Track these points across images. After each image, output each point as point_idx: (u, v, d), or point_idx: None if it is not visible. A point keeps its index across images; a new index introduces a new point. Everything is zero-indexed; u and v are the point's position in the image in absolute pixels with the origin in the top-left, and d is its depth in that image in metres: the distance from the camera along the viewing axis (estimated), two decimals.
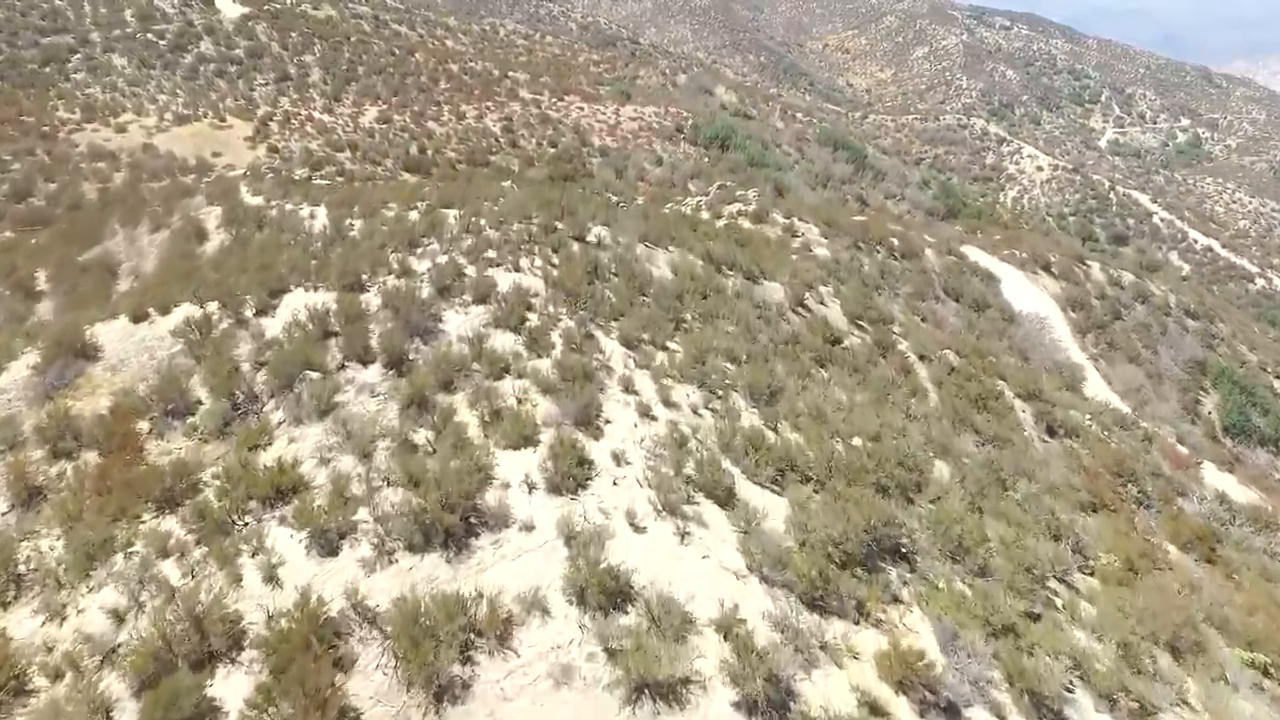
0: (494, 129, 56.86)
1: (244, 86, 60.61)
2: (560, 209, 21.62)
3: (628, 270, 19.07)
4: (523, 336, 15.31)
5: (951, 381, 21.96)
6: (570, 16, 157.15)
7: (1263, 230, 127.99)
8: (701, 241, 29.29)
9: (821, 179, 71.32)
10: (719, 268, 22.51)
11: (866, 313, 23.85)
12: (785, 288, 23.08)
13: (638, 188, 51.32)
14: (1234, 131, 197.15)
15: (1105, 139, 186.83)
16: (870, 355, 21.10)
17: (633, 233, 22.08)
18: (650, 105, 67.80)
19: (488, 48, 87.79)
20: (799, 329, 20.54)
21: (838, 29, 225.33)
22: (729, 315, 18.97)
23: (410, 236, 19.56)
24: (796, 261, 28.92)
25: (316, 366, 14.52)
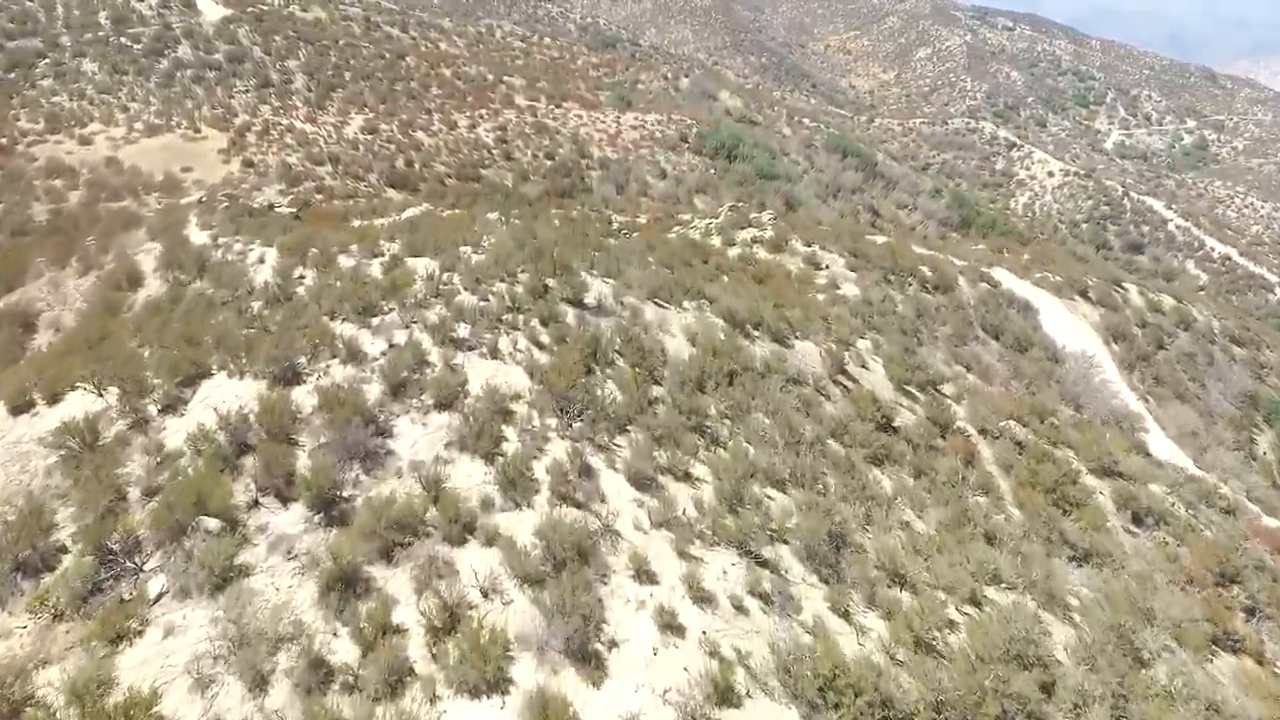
0: (487, 139, 52.87)
1: (222, 94, 56.57)
2: (553, 262, 17.73)
3: (635, 347, 15.20)
4: (496, 469, 11.34)
5: (1023, 466, 18.09)
6: (569, 17, 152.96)
7: (1277, 236, 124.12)
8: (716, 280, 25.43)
9: (831, 189, 67.38)
10: (743, 328, 18.61)
11: (914, 375, 19.95)
12: (821, 350, 19.20)
13: (640, 204, 47.39)
14: (1240, 133, 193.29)
15: (1111, 141, 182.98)
16: (927, 436, 17.22)
17: (640, 286, 18.21)
18: (652, 112, 63.80)
19: (483, 50, 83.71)
20: (845, 412, 16.67)
21: (839, 30, 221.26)
22: (762, 404, 15.11)
23: (366, 300, 15.67)
24: (825, 305, 25.03)
25: (220, 504, 10.61)
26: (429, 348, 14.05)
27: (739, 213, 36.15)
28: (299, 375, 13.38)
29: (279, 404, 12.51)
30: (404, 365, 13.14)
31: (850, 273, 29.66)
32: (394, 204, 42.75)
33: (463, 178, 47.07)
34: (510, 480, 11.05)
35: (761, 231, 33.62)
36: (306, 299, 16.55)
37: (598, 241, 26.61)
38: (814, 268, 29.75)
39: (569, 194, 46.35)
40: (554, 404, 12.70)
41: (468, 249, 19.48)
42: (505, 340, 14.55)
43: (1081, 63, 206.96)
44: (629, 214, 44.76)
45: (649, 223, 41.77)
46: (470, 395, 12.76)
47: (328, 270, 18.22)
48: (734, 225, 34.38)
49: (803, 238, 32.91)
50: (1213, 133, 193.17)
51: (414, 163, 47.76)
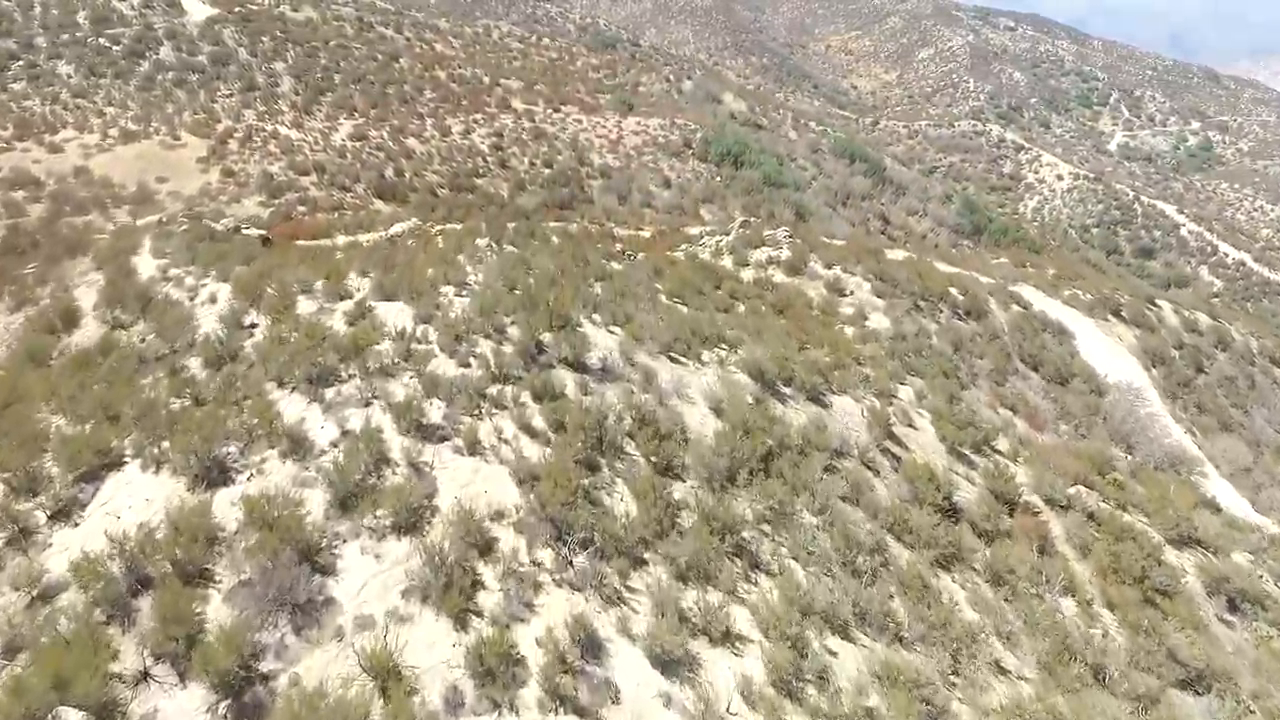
0: (482, 146, 49.92)
1: (205, 98, 53.59)
2: (549, 312, 14.80)
3: (650, 429, 12.32)
4: (468, 643, 8.35)
5: (1102, 547, 15.23)
6: (569, 17, 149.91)
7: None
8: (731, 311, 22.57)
9: (840, 196, 64.48)
10: (773, 387, 15.73)
11: (965, 433, 17.06)
12: (862, 408, 16.33)
13: (643, 215, 44.47)
14: (1245, 134, 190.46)
15: (1115, 142, 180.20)
16: (994, 517, 14.36)
17: (651, 338, 15.35)
18: (655, 116, 60.84)
19: (480, 52, 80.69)
20: (900, 493, 13.82)
21: (840, 30, 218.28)
22: (807, 499, 12.25)
23: (322, 363, 12.78)
24: (856, 342, 22.14)
25: (90, 686, 7.71)
26: (391, 437, 11.16)
27: (752, 229, 33.24)
28: (227, 473, 10.52)
29: (195, 517, 9.62)
30: (357, 466, 10.25)
31: (877, 300, 26.76)
32: (381, 217, 39.86)
33: (456, 188, 44.14)
34: (488, 668, 8.11)
35: (777, 251, 30.71)
36: (254, 357, 13.67)
37: (599, 268, 23.71)
38: (838, 294, 26.85)
39: (568, 205, 43.44)
40: (548, 528, 9.80)
41: (449, 289, 16.61)
42: (487, 427, 11.66)
43: (1084, 63, 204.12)
44: (631, 226, 41.85)
45: (653, 236, 38.87)
46: (439, 514, 9.87)
47: (284, 317, 15.32)
48: (747, 244, 31.47)
49: (822, 258, 30.00)
50: (1217, 134, 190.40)
51: (404, 172, 44.81)
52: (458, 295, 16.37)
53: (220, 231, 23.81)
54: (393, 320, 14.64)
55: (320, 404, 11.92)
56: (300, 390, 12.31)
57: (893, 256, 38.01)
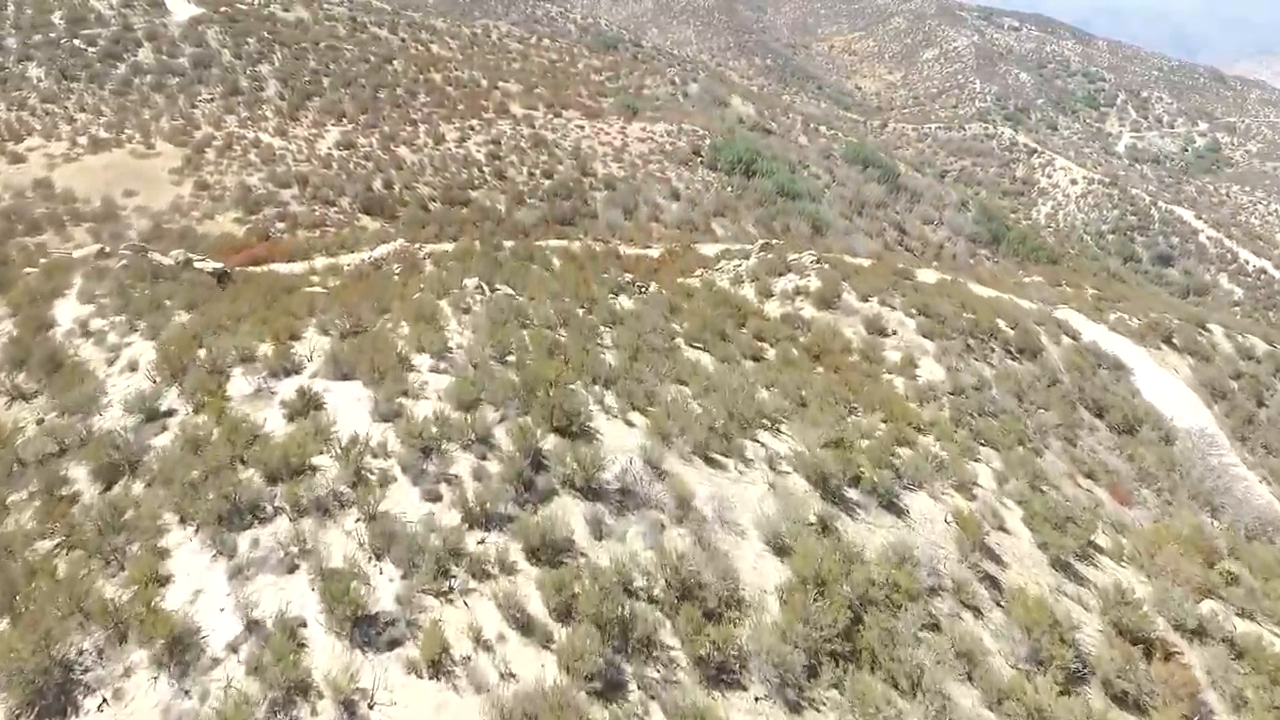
0: (478, 155, 46.32)
1: (184, 103, 50.03)
2: (551, 405, 11.26)
3: (694, 605, 8.76)
4: None
5: (1258, 700, 11.74)
6: (569, 17, 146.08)
7: None
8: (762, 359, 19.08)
9: (855, 205, 60.92)
10: (837, 494, 12.22)
11: (1065, 537, 13.54)
12: (946, 515, 12.83)
13: (651, 231, 40.91)
14: (1253, 136, 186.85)
15: (1122, 144, 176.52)
16: (1130, 672, 10.86)
17: (680, 430, 11.85)
18: (661, 121, 57.23)
19: (477, 53, 77.04)
20: (1015, 652, 10.33)
21: (843, 30, 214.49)
22: (914, 701, 8.75)
23: (241, 491, 9.25)
24: (912, 401, 18.62)
25: None
26: (315, 638, 7.65)
27: (774, 253, 29.67)
28: (71, 694, 7.03)
29: None
30: (260, 697, 6.77)
31: (925, 341, 23.20)
32: (366, 235, 36.29)
33: (449, 201, 40.55)
34: None
35: (804, 279, 27.15)
36: (155, 470, 10.18)
37: (607, 309, 20.16)
38: (879, 334, 23.30)
39: (570, 220, 39.87)
40: None
41: (424, 361, 13.10)
42: (459, 622, 8.08)
43: (1090, 64, 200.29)
44: (638, 243, 38.30)
45: (663, 256, 35.30)
46: None
47: (210, 402, 11.79)
48: (770, 270, 27.90)
49: (856, 288, 26.43)
50: (1225, 135, 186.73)
51: (394, 184, 41.22)
52: (434, 370, 12.85)
53: (167, 267, 20.24)
54: (345, 417, 11.15)
55: (227, 561, 8.43)
56: (205, 534, 8.83)
57: (924, 278, 34.52)
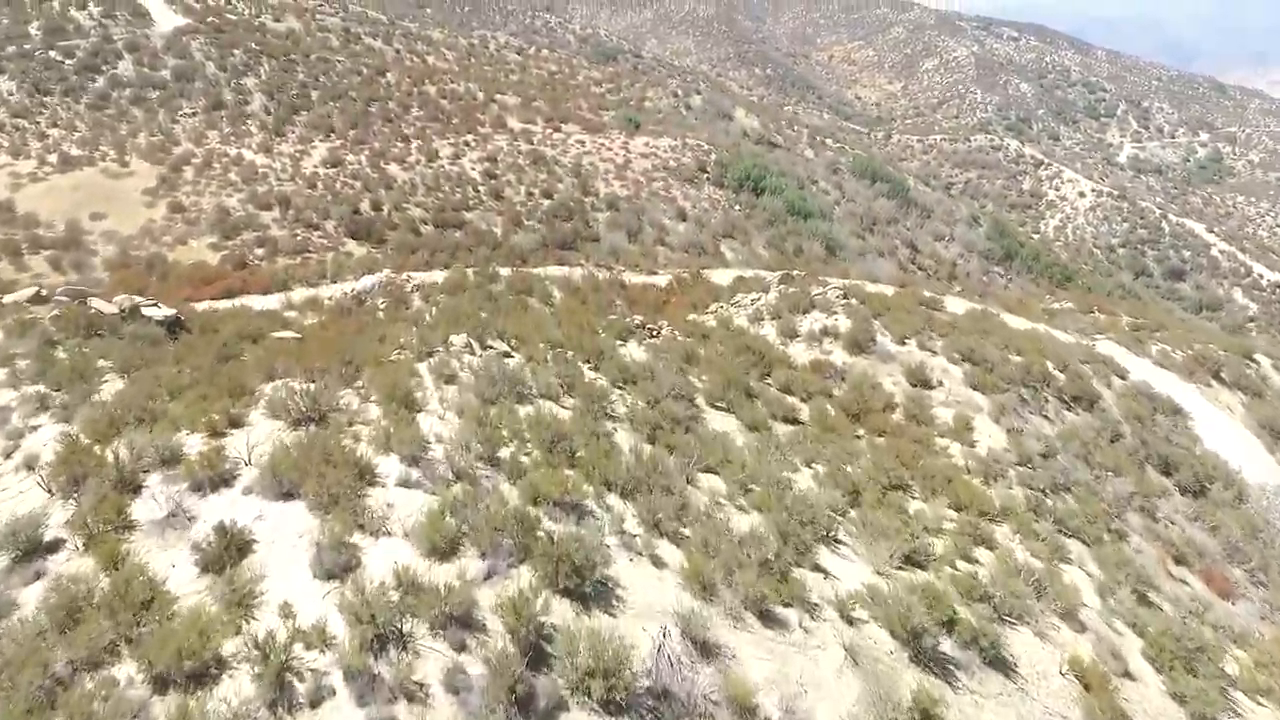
0: (473, 173, 43.44)
1: (165, 118, 47.13)
2: (558, 558, 8.29)
3: None
4: None
5: None
6: (568, 28, 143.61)
7: None
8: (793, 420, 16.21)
9: (866, 222, 58.16)
10: (931, 652, 9.32)
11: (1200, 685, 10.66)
12: (1061, 663, 9.96)
13: (657, 254, 38.02)
14: (1254, 145, 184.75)
15: (1124, 154, 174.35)
16: None
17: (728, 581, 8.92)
18: (664, 136, 54.43)
19: (475, 65, 74.32)
20: None
21: (843, 40, 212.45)
22: None
23: None
24: (976, 479, 15.70)
25: None
26: None
27: (796, 286, 26.80)
28: None
29: None
30: None
31: (975, 394, 20.31)
32: (351, 263, 33.35)
33: (441, 223, 37.63)
34: None
35: (831, 318, 24.27)
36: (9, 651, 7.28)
37: (618, 364, 17.25)
38: (923, 386, 20.40)
39: (570, 244, 36.98)
40: None
41: (391, 467, 10.18)
42: None
43: (1090, 73, 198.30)
44: (644, 269, 35.42)
45: (672, 286, 32.40)
46: None
47: (103, 542, 8.87)
48: (792, 307, 24.99)
49: (891, 329, 23.54)
50: (1226, 145, 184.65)
51: (382, 205, 38.32)
52: (403, 483, 9.94)
53: (108, 317, 17.30)
54: (277, 571, 8.25)
55: None
56: None
57: (952, 308, 31.72)
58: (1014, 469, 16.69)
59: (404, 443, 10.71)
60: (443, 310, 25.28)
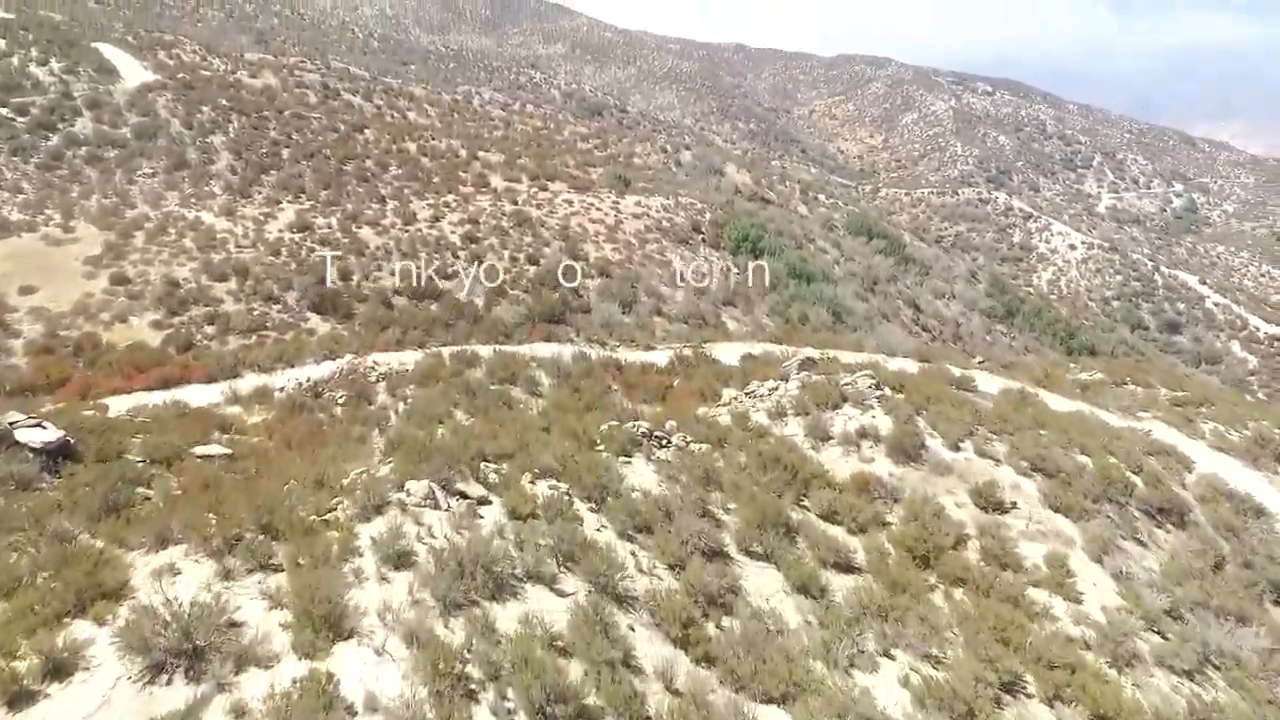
0: (453, 237, 39.80)
1: (121, 178, 43.38)
2: None
3: None
4: None
5: None
6: (553, 84, 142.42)
7: None
8: (855, 574, 12.31)
9: (867, 282, 55.02)
10: None
11: None
12: None
13: (654, 327, 34.30)
14: (1227, 196, 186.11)
15: (1103, 205, 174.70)
16: None
17: None
18: (656, 195, 51.26)
19: (457, 121, 71.46)
20: None
21: (823, 95, 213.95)
22: None
23: None
24: (1100, 661, 11.74)
25: None
26: None
27: (821, 371, 23.06)
28: None
29: None
30: None
31: (1059, 517, 16.49)
32: (311, 344, 29.22)
33: (417, 294, 33.78)
34: None
35: (866, 414, 20.48)
36: None
37: (625, 506, 13.29)
38: (996, 509, 16.53)
39: (560, 317, 33.20)
40: None
41: None
42: None
43: (1065, 126, 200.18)
44: (641, 344, 31.64)
45: (673, 367, 28.57)
46: None
47: None
48: (820, 400, 21.16)
49: (937, 428, 19.76)
50: (1200, 195, 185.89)
51: (352, 274, 34.47)
52: None
53: None
54: None
55: None
56: None
57: (983, 385, 28.15)
58: (1142, 640, 12.76)
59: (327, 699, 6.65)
60: (411, 411, 21.28)
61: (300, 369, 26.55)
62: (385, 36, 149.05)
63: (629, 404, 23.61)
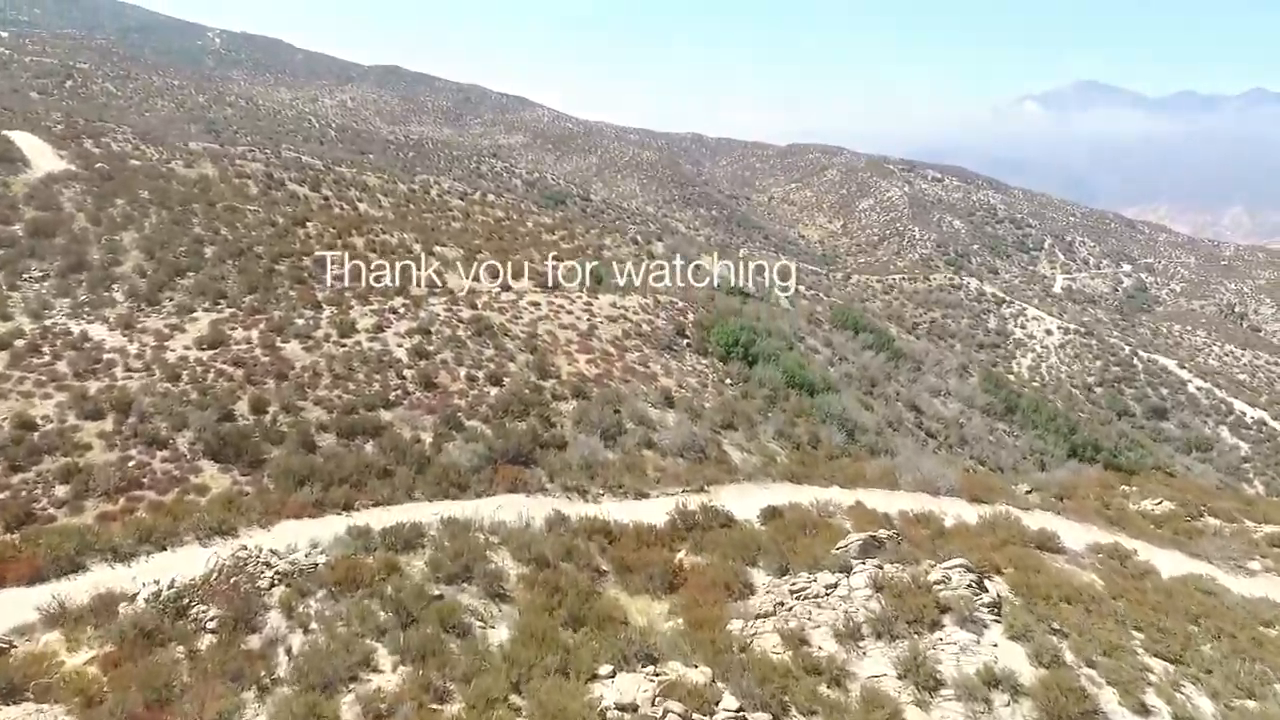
0: (398, 351, 32.92)
1: (2, 281, 35.99)
2: None
3: None
4: None
5: None
6: (514, 172, 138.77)
7: (1264, 385, 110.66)
8: None
9: (865, 385, 49.22)
10: None
11: None
12: None
13: (644, 464, 27.44)
14: (1173, 276, 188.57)
15: (1059, 285, 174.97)
16: None
17: None
18: (633, 293, 45.31)
19: (413, 211, 65.49)
20: None
21: (780, 182, 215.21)
22: None
23: None
24: None
25: None
26: None
27: (899, 560, 16.40)
28: None
29: None
30: None
31: None
32: (197, 511, 21.56)
33: (349, 430, 26.56)
34: None
35: (984, 640, 13.84)
36: None
37: None
38: None
39: (527, 456, 26.19)
40: None
41: None
42: None
43: (1014, 211, 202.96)
44: (630, 490, 24.72)
45: (679, 527, 21.63)
46: None
47: None
48: (909, 613, 14.43)
49: (1107, 672, 13.10)
50: (1148, 275, 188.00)
51: (268, 404, 27.21)
52: None
53: None
54: None
55: None
56: None
57: (1068, 540, 21.94)
58: None
59: None
60: (308, 657, 13.85)
61: (172, 554, 19.02)
62: (344, 127, 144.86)
63: (629, 604, 16.59)
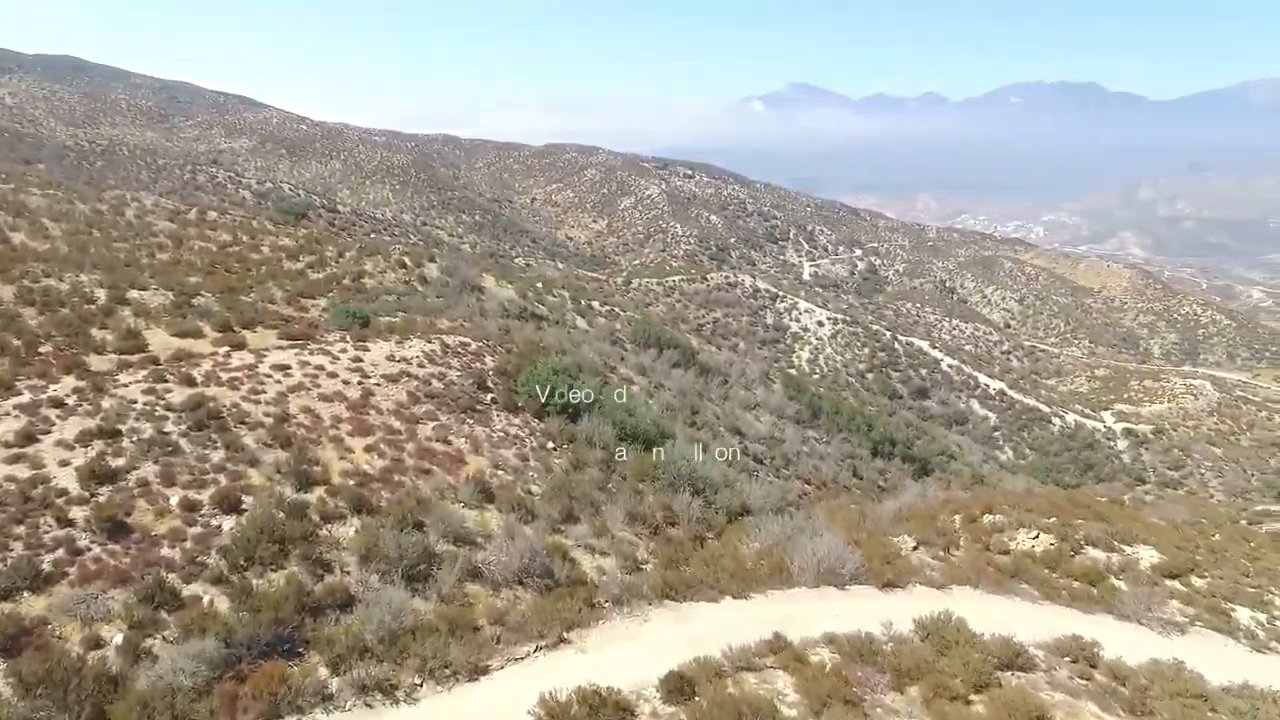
0: (63, 475, 21.42)
1: None
2: None
3: None
4: None
5: None
6: (241, 182, 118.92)
7: (983, 352, 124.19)
8: None
9: (686, 413, 44.13)
10: None
11: None
12: None
13: (475, 617, 19.20)
14: (896, 258, 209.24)
15: (807, 272, 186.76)
16: None
17: None
18: (414, 338, 36.10)
19: (97, 241, 49.98)
20: None
21: (541, 183, 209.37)
22: None
23: None
24: None
25: None
26: None
27: None
28: None
29: None
30: None
31: None
32: None
33: None
34: None
35: None
36: None
37: None
38: None
39: (291, 641, 16.89)
40: None
41: None
42: None
43: (760, 204, 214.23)
44: (462, 663, 16.58)
45: None
46: None
47: None
48: None
49: None
50: (875, 259, 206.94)
51: None
52: None
53: None
54: None
55: None
56: None
57: (971, 620, 17.56)
58: None
59: None
60: None
61: None
62: (1, 129, 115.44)
63: None
